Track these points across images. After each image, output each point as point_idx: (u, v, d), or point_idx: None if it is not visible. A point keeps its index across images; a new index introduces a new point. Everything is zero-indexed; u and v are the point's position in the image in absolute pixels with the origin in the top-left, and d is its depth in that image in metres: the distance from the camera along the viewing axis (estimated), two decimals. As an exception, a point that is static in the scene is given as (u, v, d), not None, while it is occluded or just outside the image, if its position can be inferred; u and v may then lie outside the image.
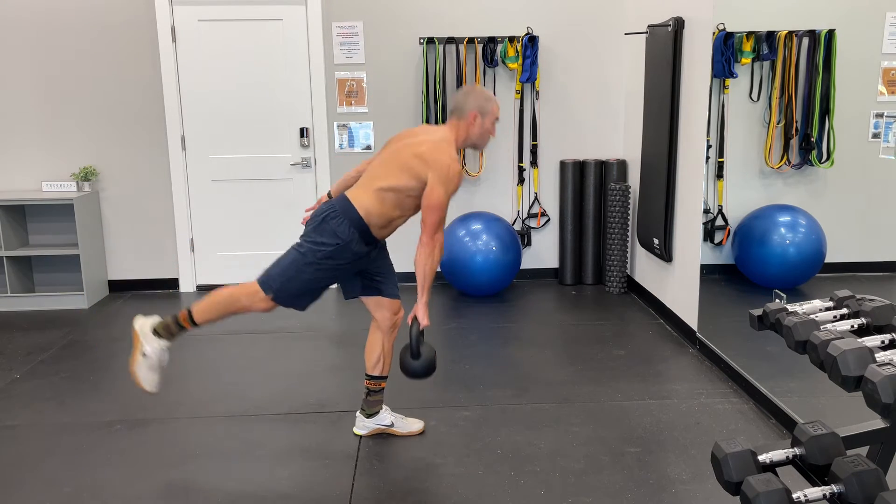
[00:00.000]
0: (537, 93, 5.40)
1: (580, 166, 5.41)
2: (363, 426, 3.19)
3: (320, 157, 5.40)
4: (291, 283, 2.86)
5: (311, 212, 3.15)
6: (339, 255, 2.83)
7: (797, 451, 1.61)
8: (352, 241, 2.82)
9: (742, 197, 4.15)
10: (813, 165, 3.74)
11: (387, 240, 3.06)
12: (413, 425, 3.22)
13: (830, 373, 1.60)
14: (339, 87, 5.32)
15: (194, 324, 2.93)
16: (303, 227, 2.97)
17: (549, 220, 5.61)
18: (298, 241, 2.89)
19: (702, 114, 4.01)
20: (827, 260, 3.74)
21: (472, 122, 2.94)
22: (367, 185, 2.88)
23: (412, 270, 2.90)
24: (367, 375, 3.15)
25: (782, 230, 4.04)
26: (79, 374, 3.96)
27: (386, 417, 3.19)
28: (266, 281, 2.87)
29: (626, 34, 5.28)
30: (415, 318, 2.89)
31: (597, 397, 3.56)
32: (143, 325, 2.97)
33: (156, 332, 2.94)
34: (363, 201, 2.84)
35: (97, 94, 5.24)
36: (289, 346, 4.35)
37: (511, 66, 5.25)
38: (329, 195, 3.18)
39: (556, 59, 5.38)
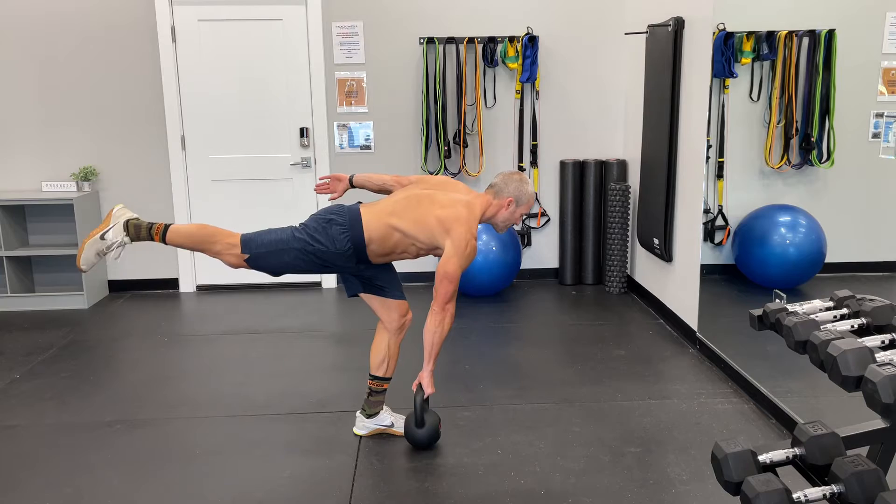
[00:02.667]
0: (537, 93, 5.40)
1: (580, 166, 5.41)
2: (363, 426, 3.20)
3: (320, 157, 5.40)
4: (271, 257, 2.85)
5: (324, 180, 3.21)
6: (326, 257, 2.85)
7: (797, 451, 1.61)
8: (345, 254, 2.84)
9: (742, 197, 4.15)
10: (813, 165, 3.74)
11: None
12: None
13: (830, 373, 1.60)
14: (339, 87, 5.32)
15: (163, 241, 2.87)
16: (305, 214, 2.96)
17: (549, 220, 5.61)
18: (300, 225, 2.89)
19: (702, 114, 4.01)
20: (827, 260, 3.74)
21: (505, 207, 2.97)
22: (382, 214, 2.87)
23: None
24: (370, 375, 3.15)
25: (782, 230, 4.04)
26: (79, 374, 3.96)
27: (386, 418, 3.19)
28: (248, 243, 2.84)
29: (626, 34, 5.28)
30: (419, 386, 2.92)
31: (597, 397, 3.56)
32: (121, 214, 2.90)
33: (127, 226, 2.87)
34: (372, 226, 2.84)
35: (97, 94, 5.24)
36: (289, 346, 4.35)
37: (511, 66, 5.25)
38: (351, 181, 3.21)
39: (556, 59, 5.38)
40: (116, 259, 2.92)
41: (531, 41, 5.19)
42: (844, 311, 1.90)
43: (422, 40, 5.24)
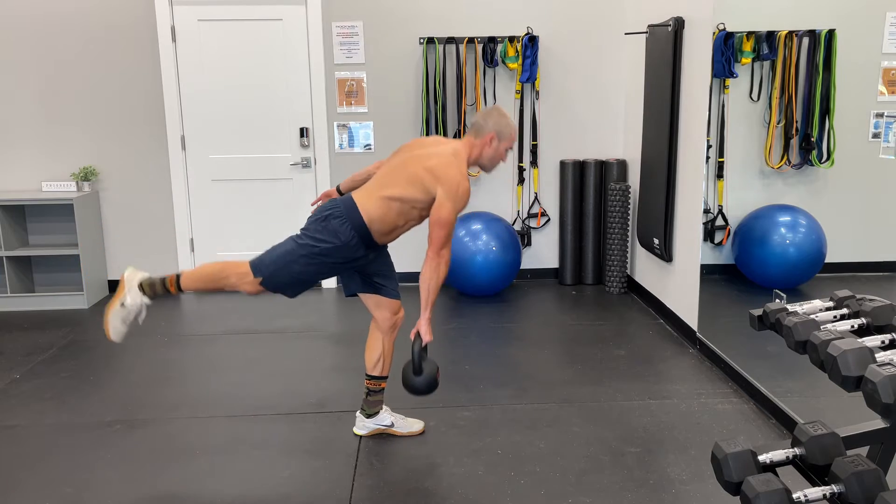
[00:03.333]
0: (537, 93, 5.40)
1: (580, 166, 5.41)
2: (363, 426, 3.20)
3: (320, 157, 5.40)
4: (282, 273, 2.85)
5: (316, 204, 3.18)
6: (335, 254, 2.83)
7: (797, 451, 1.61)
8: (351, 243, 2.82)
9: (742, 197, 4.15)
10: (813, 165, 3.75)
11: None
12: (413, 425, 3.22)
13: (830, 373, 1.60)
14: (339, 87, 5.32)
15: (179, 290, 2.93)
16: (305, 214, 2.97)
17: (549, 220, 5.61)
18: (298, 232, 2.89)
19: (702, 114, 4.01)
20: (827, 260, 3.74)
21: (488, 144, 2.94)
22: (373, 190, 2.87)
23: (413, 270, 2.89)
24: (367, 375, 3.15)
25: (782, 230, 4.05)
26: (79, 374, 3.96)
27: (386, 418, 3.19)
28: (258, 265, 2.86)
29: (626, 34, 5.28)
30: (417, 334, 2.89)
31: (597, 397, 3.56)
32: (133, 276, 2.96)
33: (141, 287, 2.93)
34: (368, 206, 2.83)
35: (97, 94, 5.24)
36: (289, 346, 4.35)
37: (511, 66, 5.25)
38: (338, 189, 3.21)
39: (556, 59, 5.38)
40: (141, 320, 2.98)
41: (531, 41, 5.19)
42: (844, 311, 1.90)
43: (422, 40, 5.24)
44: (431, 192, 2.80)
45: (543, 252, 5.65)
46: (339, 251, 2.82)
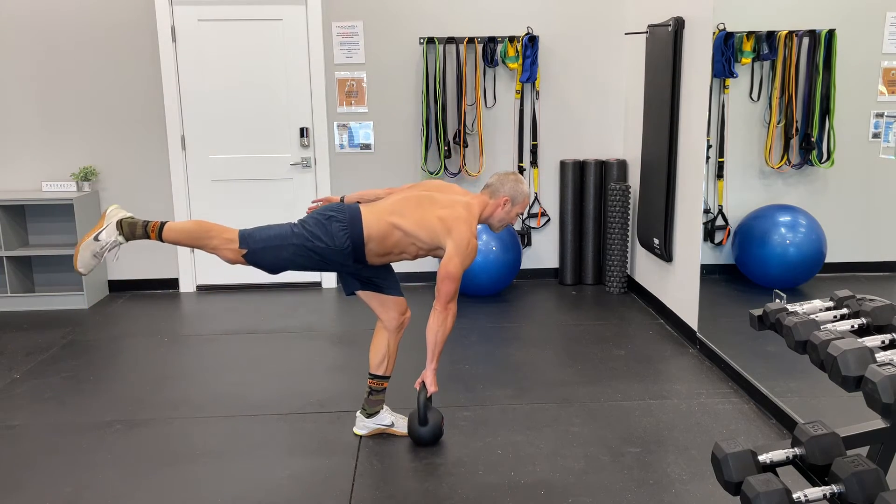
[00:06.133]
0: (537, 93, 5.40)
1: (580, 166, 5.41)
2: (363, 426, 3.20)
3: (320, 157, 5.40)
4: (269, 253, 2.83)
5: (316, 203, 3.18)
6: (324, 254, 2.84)
7: (797, 451, 1.61)
8: (343, 251, 2.83)
9: (742, 197, 4.15)
10: (813, 165, 3.75)
11: None
12: None
13: (830, 373, 1.60)
14: (339, 86, 5.32)
15: (160, 238, 2.85)
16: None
17: (549, 220, 5.61)
18: (298, 221, 2.89)
19: (702, 114, 4.01)
20: (827, 260, 3.74)
21: (501, 206, 3.01)
22: (382, 212, 2.88)
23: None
24: (370, 374, 3.16)
25: (782, 230, 4.04)
26: (79, 374, 3.96)
27: (386, 417, 3.19)
28: (247, 238, 2.83)
29: (626, 34, 5.28)
30: (422, 384, 2.92)
31: (597, 397, 3.56)
32: (114, 213, 2.88)
33: (120, 225, 2.85)
34: (372, 223, 2.84)
35: (97, 94, 5.24)
36: (289, 346, 4.35)
37: (511, 66, 5.25)
38: (342, 200, 3.21)
39: (556, 59, 5.38)
40: (115, 260, 2.91)
41: (531, 41, 5.19)
42: (844, 311, 1.91)
43: (422, 40, 5.24)
44: (438, 241, 2.84)
45: (543, 252, 5.65)
46: (330, 253, 2.83)
